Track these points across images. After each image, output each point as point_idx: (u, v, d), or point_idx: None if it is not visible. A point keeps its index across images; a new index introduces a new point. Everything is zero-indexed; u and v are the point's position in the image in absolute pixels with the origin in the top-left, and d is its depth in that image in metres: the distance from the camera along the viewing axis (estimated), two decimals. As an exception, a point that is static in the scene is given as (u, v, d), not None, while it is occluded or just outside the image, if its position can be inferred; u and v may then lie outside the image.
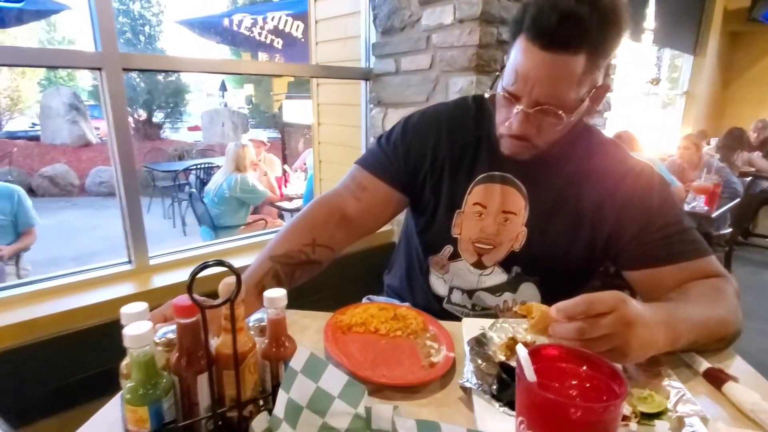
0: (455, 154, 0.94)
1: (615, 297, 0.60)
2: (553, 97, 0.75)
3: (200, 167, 6.15)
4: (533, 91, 0.75)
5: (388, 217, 1.01)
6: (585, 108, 0.80)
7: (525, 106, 0.76)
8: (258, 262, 0.86)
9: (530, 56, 0.73)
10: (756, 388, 0.65)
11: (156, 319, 0.65)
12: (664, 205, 0.86)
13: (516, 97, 0.77)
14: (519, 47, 0.75)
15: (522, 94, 0.76)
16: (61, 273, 1.43)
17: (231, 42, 6.50)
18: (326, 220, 0.93)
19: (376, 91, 2.07)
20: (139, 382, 0.50)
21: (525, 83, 0.75)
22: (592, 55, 0.72)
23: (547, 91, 0.74)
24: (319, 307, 0.91)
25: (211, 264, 0.49)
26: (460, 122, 0.95)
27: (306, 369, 0.52)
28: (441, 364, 0.71)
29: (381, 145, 0.99)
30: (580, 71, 0.73)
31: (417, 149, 0.96)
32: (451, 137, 0.94)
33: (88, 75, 13.48)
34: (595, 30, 0.70)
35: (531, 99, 0.76)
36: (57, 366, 1.30)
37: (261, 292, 0.78)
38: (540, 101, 0.75)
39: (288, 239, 0.90)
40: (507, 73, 0.78)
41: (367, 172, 0.97)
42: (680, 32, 5.05)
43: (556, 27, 0.69)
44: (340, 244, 0.95)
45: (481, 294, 0.96)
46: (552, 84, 0.74)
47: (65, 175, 7.92)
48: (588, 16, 0.69)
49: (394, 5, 1.87)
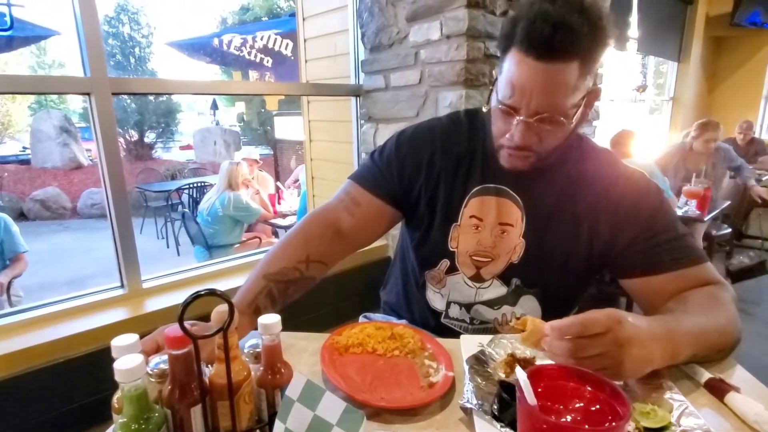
0: (450, 167, 0.94)
1: (610, 317, 0.59)
2: (552, 106, 0.75)
3: (193, 186, 6.13)
4: (531, 102, 0.75)
5: (382, 232, 1.01)
6: (581, 112, 0.81)
7: (525, 117, 0.77)
8: (251, 281, 0.85)
9: (526, 68, 0.74)
10: (758, 398, 0.64)
11: (147, 346, 0.63)
12: (658, 212, 0.86)
13: (515, 109, 0.78)
14: (513, 60, 0.76)
15: (520, 106, 0.77)
16: (52, 300, 1.41)
17: (221, 62, 6.54)
18: (321, 235, 0.92)
19: (366, 107, 2.08)
20: (131, 417, 0.49)
21: (523, 94, 0.76)
22: (584, 61, 0.74)
23: (545, 101, 0.75)
24: (315, 325, 0.90)
25: (203, 294, 0.48)
26: (454, 136, 0.96)
27: (303, 397, 0.51)
28: (440, 383, 0.70)
29: (374, 160, 0.99)
30: (575, 78, 0.74)
31: (411, 163, 0.95)
32: (445, 151, 0.94)
33: (78, 97, 13.48)
34: (586, 37, 0.72)
35: (530, 109, 0.76)
36: (49, 396, 1.28)
37: (255, 312, 0.78)
38: (539, 111, 0.76)
39: (282, 256, 0.89)
40: (502, 87, 0.79)
41: (360, 187, 0.97)
42: (664, 39, 5.14)
43: (550, 37, 0.70)
44: (334, 259, 0.94)
45: (480, 308, 0.95)
46: (549, 93, 0.75)
47: (57, 198, 7.85)
48: (579, 24, 0.70)
49: (382, 23, 1.89)
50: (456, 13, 1.61)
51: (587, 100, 0.80)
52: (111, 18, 13.09)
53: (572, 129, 0.81)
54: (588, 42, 0.72)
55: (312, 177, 2.85)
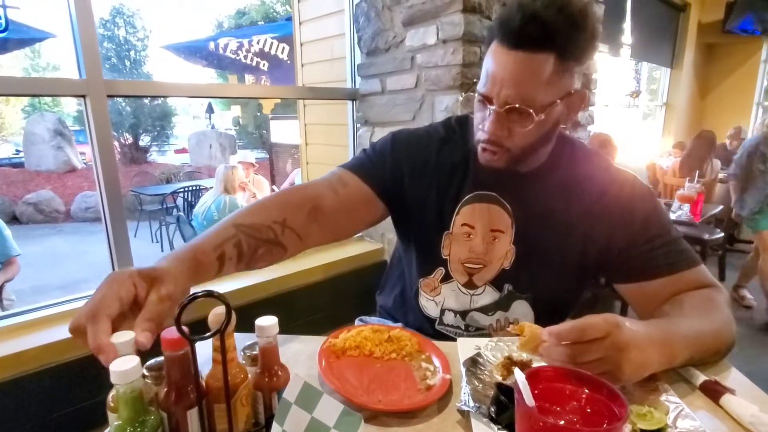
0: (444, 175, 0.93)
1: (608, 322, 0.59)
2: (520, 96, 0.75)
3: (188, 190, 6.10)
4: (502, 91, 0.76)
5: (363, 221, 0.97)
6: (558, 112, 0.80)
7: (496, 107, 0.77)
8: (219, 227, 0.76)
9: (498, 57, 0.76)
10: (753, 399, 0.65)
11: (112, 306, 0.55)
12: (652, 216, 0.86)
13: (488, 99, 0.78)
14: (490, 51, 0.78)
15: (492, 95, 0.77)
16: (45, 304, 1.40)
17: (217, 65, 6.54)
18: (300, 205, 0.86)
19: (362, 110, 2.08)
20: (126, 420, 0.48)
21: (494, 83, 0.76)
22: (562, 56, 0.74)
23: (514, 91, 0.75)
24: (311, 329, 0.89)
25: (200, 295, 0.48)
26: (449, 145, 0.95)
27: (300, 399, 0.51)
28: (438, 386, 0.69)
29: (366, 153, 0.99)
30: (549, 71, 0.74)
31: (405, 163, 0.95)
32: (440, 159, 0.94)
33: (73, 100, 13.43)
34: (563, 32, 0.72)
35: (500, 99, 0.76)
36: (43, 400, 1.26)
37: (218, 259, 0.72)
38: (508, 101, 0.76)
39: (257, 212, 0.82)
40: (481, 77, 0.80)
41: (349, 171, 0.94)
42: (657, 46, 5.20)
43: (521, 27, 0.72)
44: (310, 238, 0.88)
45: (475, 314, 0.95)
46: (519, 83, 0.75)
47: (50, 202, 7.80)
48: (553, 17, 0.71)
49: (378, 27, 1.90)
50: (452, 17, 1.62)
51: (569, 101, 0.80)
52: (106, 21, 13.09)
53: (549, 128, 0.81)
54: (565, 38, 0.72)
55: (308, 180, 2.84)
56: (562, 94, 0.78)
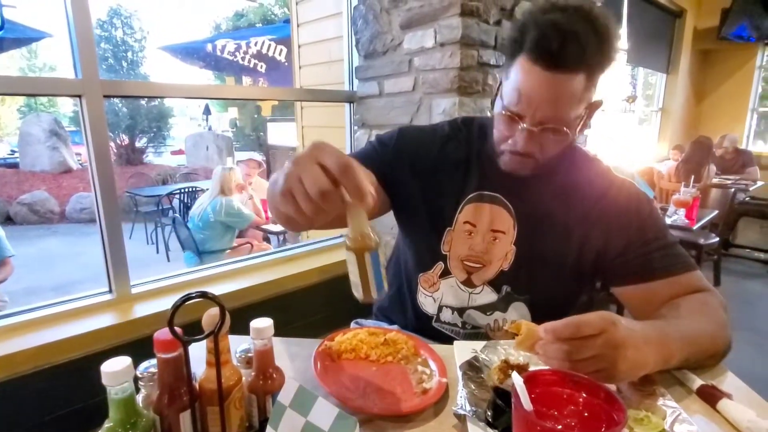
0: (447, 170, 0.94)
1: (604, 319, 0.59)
2: (557, 117, 0.76)
3: (184, 191, 6.07)
4: (537, 112, 0.76)
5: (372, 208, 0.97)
6: (582, 124, 0.81)
7: (529, 125, 0.77)
8: None
9: (533, 77, 0.74)
10: (750, 404, 0.65)
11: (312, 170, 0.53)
12: (648, 221, 0.87)
13: (520, 117, 0.78)
14: (520, 68, 0.76)
15: (526, 114, 0.77)
16: (38, 305, 1.39)
17: (214, 67, 6.54)
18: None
19: (360, 113, 2.08)
20: (117, 421, 0.48)
21: (529, 104, 0.76)
22: (591, 72, 0.74)
23: (551, 111, 0.76)
24: (307, 332, 0.88)
25: (193, 296, 0.48)
26: (454, 142, 0.96)
27: (295, 403, 0.50)
28: (434, 390, 0.69)
29: (372, 144, 0.99)
30: (581, 90, 0.74)
31: (409, 155, 0.95)
32: (445, 155, 0.95)
33: (68, 100, 13.38)
34: (594, 49, 0.72)
35: (535, 119, 0.77)
36: (35, 403, 1.25)
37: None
38: (544, 121, 0.76)
39: None
40: (508, 93, 0.79)
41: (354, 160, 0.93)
42: (653, 51, 5.22)
43: (559, 48, 0.70)
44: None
45: (472, 312, 0.95)
46: (556, 104, 0.75)
47: (45, 202, 7.74)
48: (587, 35, 0.71)
49: (376, 30, 1.90)
50: (450, 21, 1.62)
51: (589, 111, 0.81)
52: (104, 22, 13.06)
53: (573, 138, 0.82)
54: (595, 54, 0.73)
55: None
56: (587, 105, 0.79)
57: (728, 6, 5.15)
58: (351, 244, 0.55)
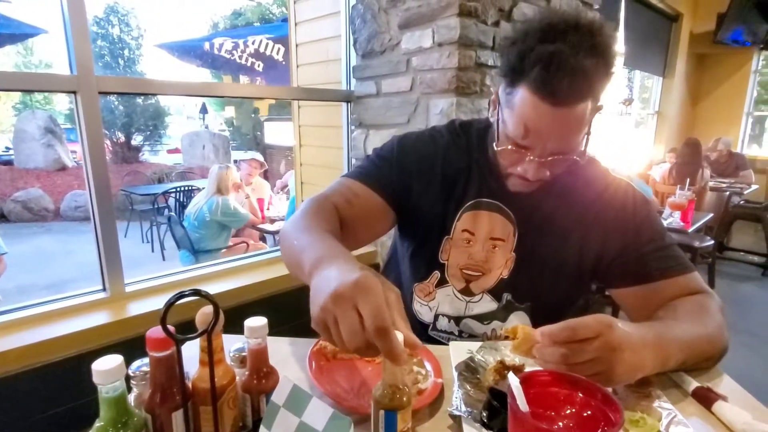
0: (449, 179, 0.93)
1: (601, 322, 0.59)
2: (567, 147, 0.76)
3: (180, 190, 6.05)
4: (547, 145, 0.75)
5: (379, 231, 0.95)
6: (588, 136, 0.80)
7: (538, 157, 0.77)
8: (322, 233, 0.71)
9: (541, 113, 0.72)
10: (745, 407, 0.65)
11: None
12: (645, 223, 0.87)
13: (527, 149, 0.77)
14: (525, 101, 0.73)
15: (536, 147, 0.76)
16: (31, 303, 1.37)
17: (211, 65, 6.50)
18: (332, 213, 0.84)
19: (357, 112, 2.08)
20: (108, 420, 0.47)
21: (539, 138, 0.75)
22: (596, 96, 0.74)
23: (561, 143, 0.75)
24: (302, 332, 0.88)
25: (187, 294, 0.47)
26: (455, 149, 0.94)
27: (289, 402, 0.50)
28: (429, 391, 0.69)
29: (371, 160, 0.96)
30: (587, 114, 0.74)
31: (413, 167, 0.93)
32: (446, 163, 0.93)
33: (64, 98, 13.30)
34: (602, 78, 0.72)
35: (546, 151, 0.76)
36: (26, 402, 1.24)
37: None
38: (554, 152, 0.76)
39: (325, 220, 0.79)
40: (513, 124, 0.76)
41: (357, 181, 0.91)
42: (649, 55, 5.25)
43: (567, 87, 0.69)
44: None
45: (469, 321, 0.94)
46: (565, 136, 0.75)
47: (39, 200, 7.69)
48: (595, 68, 0.70)
49: (374, 29, 1.90)
50: (448, 21, 1.62)
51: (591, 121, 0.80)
52: (100, 19, 12.98)
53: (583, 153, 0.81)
54: (601, 79, 0.72)
55: (301, 182, 2.83)
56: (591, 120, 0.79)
57: (724, 11, 5.18)
58: (379, 396, 0.53)
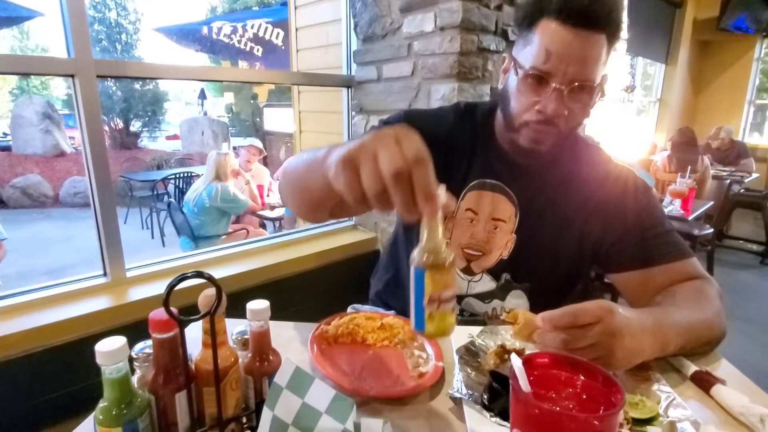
0: (452, 157, 0.93)
1: (601, 307, 0.60)
2: (586, 74, 0.76)
3: (179, 176, 6.03)
4: (569, 69, 0.75)
5: None
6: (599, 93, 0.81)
7: (559, 84, 0.76)
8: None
9: (564, 35, 0.74)
10: (742, 390, 0.65)
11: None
12: (646, 208, 0.87)
13: (549, 75, 0.76)
14: (547, 29, 0.75)
15: (557, 73, 0.75)
16: (32, 287, 1.38)
17: (210, 50, 6.44)
18: None
19: (358, 98, 2.06)
20: (112, 401, 0.47)
21: (560, 61, 0.75)
22: (610, 37, 0.75)
23: (580, 69, 0.75)
24: (303, 317, 0.88)
25: (189, 275, 0.47)
26: (459, 127, 0.95)
27: (291, 384, 0.50)
28: (430, 374, 0.69)
29: (375, 129, 0.95)
30: (604, 52, 0.76)
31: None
32: (451, 141, 0.93)
33: (62, 83, 13.19)
34: (615, 12, 0.74)
35: (566, 77, 0.75)
36: (28, 385, 1.25)
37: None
38: (575, 78, 0.75)
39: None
40: (534, 54, 0.77)
41: None
42: (652, 42, 5.21)
43: (588, 6, 0.72)
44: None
45: (471, 300, 0.95)
46: (585, 62, 0.75)
47: (38, 186, 7.67)
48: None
49: (375, 13, 1.87)
50: (450, 4, 1.60)
51: (602, 83, 0.80)
52: (97, 2, 12.80)
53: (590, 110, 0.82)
54: (616, 17, 0.74)
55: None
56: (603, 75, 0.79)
57: (728, -3, 5.12)
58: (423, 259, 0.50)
